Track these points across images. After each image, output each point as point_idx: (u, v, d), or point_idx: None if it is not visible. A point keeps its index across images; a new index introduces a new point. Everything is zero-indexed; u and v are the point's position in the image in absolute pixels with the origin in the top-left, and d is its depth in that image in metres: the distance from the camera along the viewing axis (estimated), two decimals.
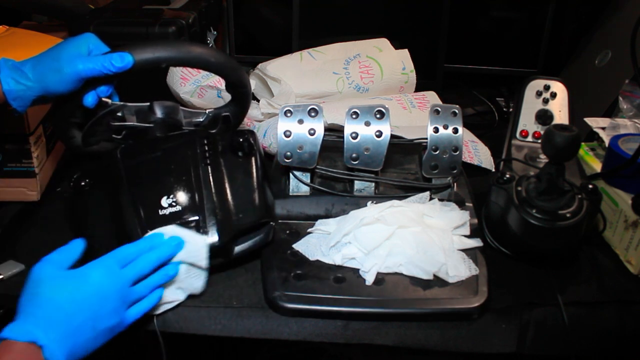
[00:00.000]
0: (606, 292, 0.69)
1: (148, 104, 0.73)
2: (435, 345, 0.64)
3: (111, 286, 0.54)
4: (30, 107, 0.65)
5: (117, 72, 0.63)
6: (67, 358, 0.48)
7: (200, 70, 0.97)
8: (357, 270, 0.68)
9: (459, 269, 0.67)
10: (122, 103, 0.72)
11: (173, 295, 0.63)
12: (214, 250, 0.64)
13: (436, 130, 0.75)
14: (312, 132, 0.75)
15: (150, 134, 0.73)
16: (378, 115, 0.75)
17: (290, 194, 0.78)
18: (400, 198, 0.75)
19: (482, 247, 0.71)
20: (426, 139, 0.76)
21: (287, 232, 0.74)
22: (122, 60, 0.63)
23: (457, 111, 0.76)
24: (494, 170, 0.90)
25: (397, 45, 1.09)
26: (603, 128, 0.87)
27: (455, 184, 0.79)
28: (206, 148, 0.70)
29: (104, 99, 0.69)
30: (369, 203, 0.74)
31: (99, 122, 0.72)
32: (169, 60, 0.67)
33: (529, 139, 0.90)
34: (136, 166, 0.68)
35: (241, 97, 0.76)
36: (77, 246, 0.57)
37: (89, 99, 0.67)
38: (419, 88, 1.08)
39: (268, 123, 0.95)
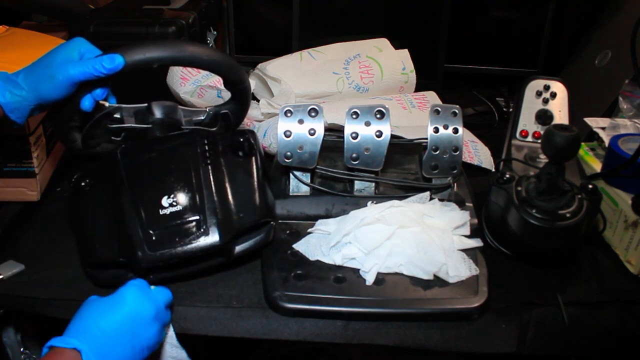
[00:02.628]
0: (606, 292, 0.69)
1: (146, 104, 0.73)
2: (435, 345, 0.64)
3: (146, 305, 0.58)
4: (29, 117, 0.65)
5: (108, 73, 0.63)
6: None
7: (200, 70, 0.97)
8: (358, 270, 0.68)
9: (459, 269, 0.67)
10: (118, 105, 0.72)
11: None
12: (214, 250, 0.64)
13: (436, 130, 0.75)
14: (312, 132, 0.75)
15: (149, 134, 0.72)
16: (378, 115, 0.75)
17: (290, 194, 0.78)
18: (401, 198, 0.75)
19: (482, 247, 0.71)
20: (426, 139, 0.76)
21: (287, 232, 0.74)
22: (113, 62, 0.63)
23: (457, 111, 0.76)
24: (494, 170, 0.90)
25: (397, 45, 1.09)
26: (603, 128, 0.87)
27: (455, 184, 0.79)
28: (206, 148, 0.70)
29: (100, 101, 0.69)
30: (369, 203, 0.74)
31: (96, 125, 0.72)
32: (160, 60, 0.67)
33: (529, 139, 0.90)
34: (136, 166, 0.68)
35: (240, 94, 0.75)
36: None
37: (86, 103, 0.67)
38: (419, 88, 1.08)
39: (268, 123, 0.95)
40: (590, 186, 0.69)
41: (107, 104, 0.71)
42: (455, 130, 0.75)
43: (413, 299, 0.65)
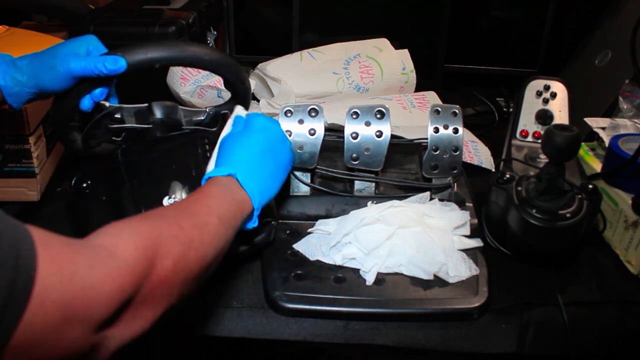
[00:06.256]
0: (606, 292, 0.69)
1: (146, 105, 0.73)
2: (435, 345, 0.64)
3: (272, 127, 0.64)
4: (26, 104, 0.66)
5: (110, 74, 0.63)
6: (258, 185, 0.58)
7: (200, 70, 0.97)
8: (358, 270, 0.68)
9: (459, 269, 0.67)
10: (119, 105, 0.72)
11: None
12: None
13: (436, 130, 0.75)
14: (312, 132, 0.75)
15: (150, 134, 0.72)
16: (378, 115, 0.75)
17: (291, 194, 0.78)
18: (401, 198, 0.75)
19: (482, 247, 0.71)
20: (426, 139, 0.76)
21: (288, 232, 0.74)
22: (115, 64, 0.63)
23: (457, 111, 0.76)
24: (494, 170, 0.90)
25: (397, 45, 1.09)
26: (603, 128, 0.87)
27: (455, 184, 0.79)
28: (207, 148, 0.69)
29: (101, 102, 0.69)
30: (369, 203, 0.74)
31: (97, 125, 0.72)
32: (162, 61, 0.66)
33: (529, 139, 0.90)
34: (137, 166, 0.68)
35: (240, 94, 0.75)
36: None
37: (85, 103, 0.67)
38: (419, 88, 1.08)
39: None
40: (590, 186, 0.69)
41: (107, 104, 0.71)
42: (455, 130, 0.75)
43: (413, 299, 0.65)
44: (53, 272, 0.35)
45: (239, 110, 0.67)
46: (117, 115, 0.73)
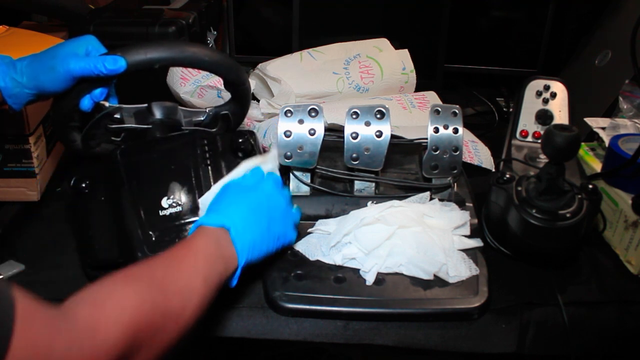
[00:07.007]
0: (606, 292, 0.69)
1: (146, 105, 0.73)
2: (435, 345, 0.64)
3: (280, 196, 0.64)
4: (27, 105, 0.66)
5: (109, 74, 0.63)
6: (248, 244, 0.57)
7: (200, 70, 0.97)
8: (358, 270, 0.68)
9: (459, 269, 0.67)
10: (118, 105, 0.72)
11: None
12: None
13: (436, 130, 0.75)
14: (312, 132, 0.75)
15: (149, 135, 0.72)
16: (378, 115, 0.75)
17: (291, 194, 0.78)
18: (401, 198, 0.75)
19: (482, 247, 0.71)
20: (426, 139, 0.76)
21: None
22: (115, 64, 0.63)
23: (457, 111, 0.76)
24: (494, 170, 0.90)
25: (397, 45, 1.09)
26: (603, 128, 0.87)
27: (455, 184, 0.79)
28: (206, 149, 0.69)
29: (100, 102, 0.69)
30: (369, 203, 0.74)
31: (96, 125, 0.72)
32: (162, 61, 0.66)
33: (529, 139, 0.90)
34: (136, 167, 0.68)
35: (240, 95, 0.75)
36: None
37: (85, 103, 0.67)
38: (419, 88, 1.08)
39: (268, 123, 0.95)
40: (590, 186, 0.69)
41: (107, 104, 0.71)
42: (455, 130, 0.75)
43: (413, 299, 0.65)
44: (27, 352, 0.34)
45: (260, 161, 0.67)
46: (117, 116, 0.73)
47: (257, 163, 0.67)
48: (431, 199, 0.76)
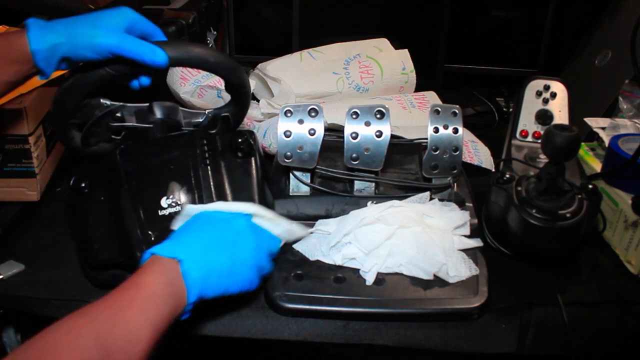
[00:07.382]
0: (606, 292, 0.69)
1: (147, 104, 0.73)
2: (435, 345, 0.64)
3: (251, 237, 0.59)
4: (55, 71, 0.64)
5: (150, 65, 0.63)
6: (200, 279, 0.54)
7: (200, 71, 0.97)
8: (358, 270, 0.68)
9: (459, 269, 0.67)
10: (121, 104, 0.72)
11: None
12: None
13: (436, 130, 0.75)
14: (312, 132, 0.75)
15: (149, 134, 0.72)
16: (378, 115, 0.75)
17: (290, 194, 0.78)
18: (401, 198, 0.75)
19: (482, 247, 0.71)
20: (426, 139, 0.76)
21: None
22: (159, 58, 0.63)
23: (457, 111, 0.76)
24: (494, 170, 0.90)
25: (397, 45, 1.09)
26: (603, 128, 0.87)
27: (455, 184, 0.79)
28: (206, 149, 0.69)
29: (102, 99, 0.69)
30: (369, 203, 0.74)
31: (98, 123, 0.72)
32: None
33: (529, 139, 0.90)
34: (136, 167, 0.68)
35: (240, 98, 0.76)
36: None
37: (135, 83, 0.70)
38: (419, 88, 1.08)
39: (268, 123, 0.95)
40: (590, 186, 0.69)
41: (109, 102, 0.71)
42: (455, 130, 0.75)
43: (413, 299, 0.65)
44: None
45: (268, 217, 0.64)
46: (118, 114, 0.73)
47: (267, 219, 0.64)
48: (431, 199, 0.76)
